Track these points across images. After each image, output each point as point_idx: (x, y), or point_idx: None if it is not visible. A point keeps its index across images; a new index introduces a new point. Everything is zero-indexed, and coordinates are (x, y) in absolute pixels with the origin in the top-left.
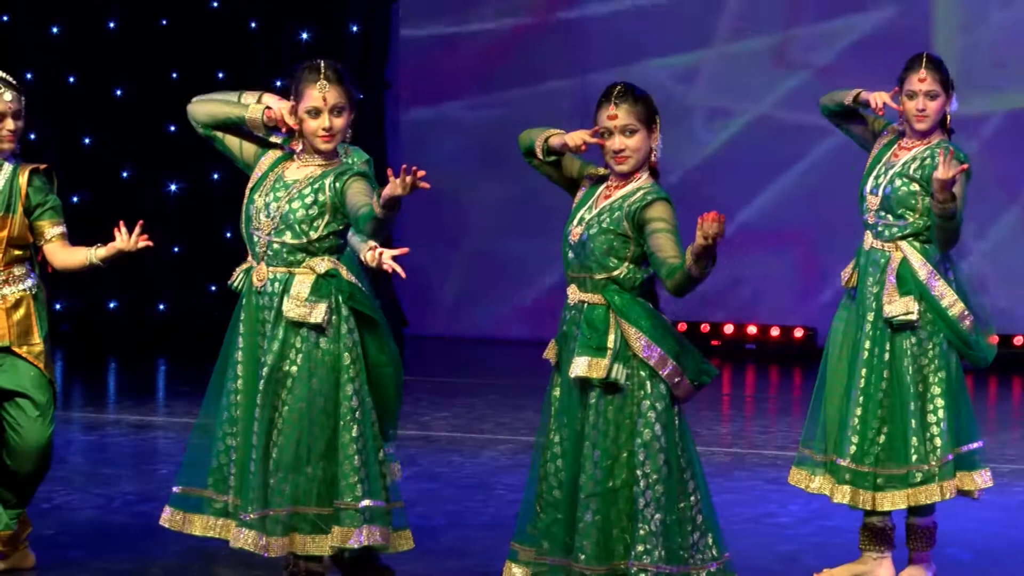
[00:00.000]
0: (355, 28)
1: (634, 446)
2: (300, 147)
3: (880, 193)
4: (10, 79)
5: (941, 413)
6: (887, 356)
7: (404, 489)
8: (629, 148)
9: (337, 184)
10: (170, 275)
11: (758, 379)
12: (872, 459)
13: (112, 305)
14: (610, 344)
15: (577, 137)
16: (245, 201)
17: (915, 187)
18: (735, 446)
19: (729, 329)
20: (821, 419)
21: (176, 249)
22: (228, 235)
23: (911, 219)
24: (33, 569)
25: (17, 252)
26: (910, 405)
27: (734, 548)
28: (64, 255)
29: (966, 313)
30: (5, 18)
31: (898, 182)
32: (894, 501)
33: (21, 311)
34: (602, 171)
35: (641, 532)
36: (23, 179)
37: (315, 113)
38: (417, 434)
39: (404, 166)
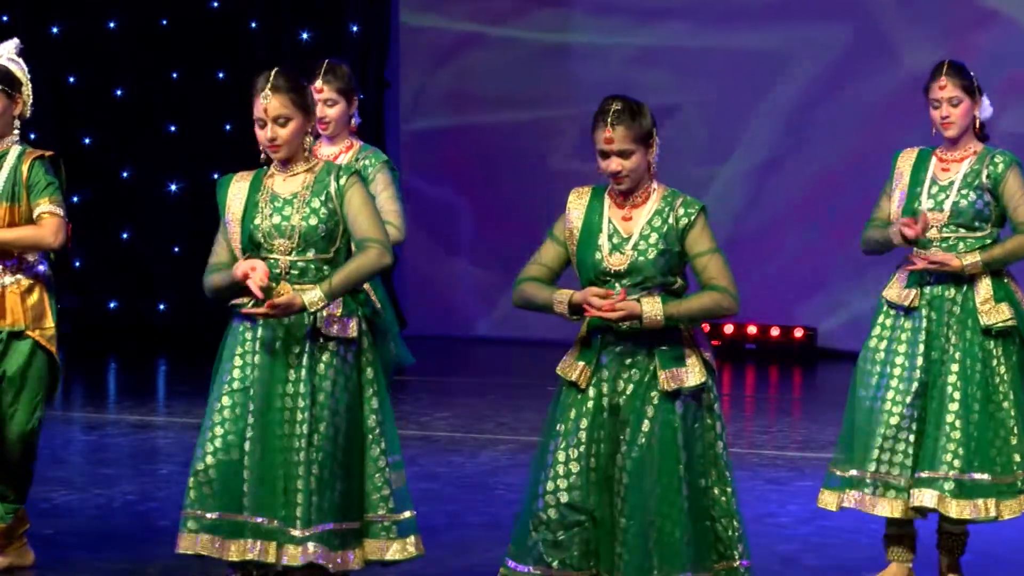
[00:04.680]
0: (355, 28)
1: (718, 448)
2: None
3: (948, 208)
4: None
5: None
6: (980, 366)
7: None
8: (626, 169)
9: (340, 181)
10: (170, 275)
11: (758, 379)
12: (974, 470)
13: (112, 305)
14: (690, 351)
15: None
16: (239, 228)
17: (987, 196)
18: (735, 446)
19: (729, 329)
20: (874, 438)
21: (176, 249)
22: None
23: (988, 230)
24: (33, 568)
25: None
26: (1011, 411)
27: None
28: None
29: None
30: (5, 18)
31: (971, 195)
32: (1013, 509)
33: (35, 296)
34: (585, 189)
35: (739, 532)
36: (25, 167)
37: (261, 124)
38: (417, 434)
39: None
